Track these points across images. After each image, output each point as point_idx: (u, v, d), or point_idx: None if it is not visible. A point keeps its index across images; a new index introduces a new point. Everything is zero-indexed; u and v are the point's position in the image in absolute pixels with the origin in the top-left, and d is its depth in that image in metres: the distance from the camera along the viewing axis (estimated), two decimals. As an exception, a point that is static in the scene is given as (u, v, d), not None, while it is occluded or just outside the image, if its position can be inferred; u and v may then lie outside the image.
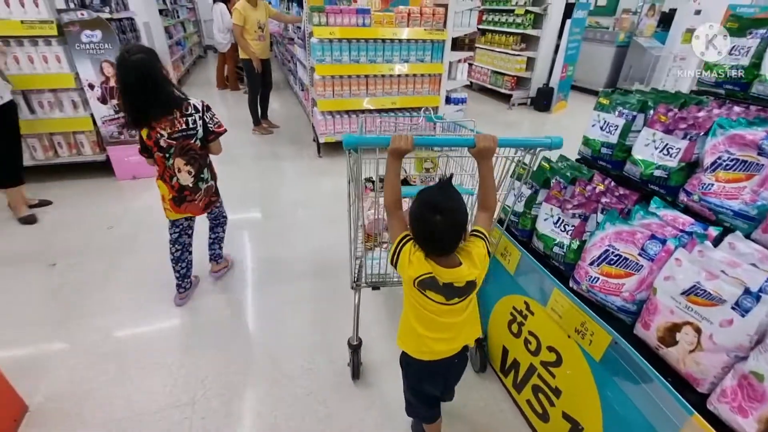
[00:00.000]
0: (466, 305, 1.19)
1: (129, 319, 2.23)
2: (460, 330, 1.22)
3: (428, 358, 1.25)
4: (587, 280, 1.27)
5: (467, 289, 1.13)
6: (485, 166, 1.23)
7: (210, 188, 2.15)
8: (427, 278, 1.10)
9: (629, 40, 7.53)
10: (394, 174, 1.22)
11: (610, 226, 1.23)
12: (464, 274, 1.09)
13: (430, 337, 1.20)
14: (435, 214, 1.03)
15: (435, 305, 1.14)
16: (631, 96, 1.57)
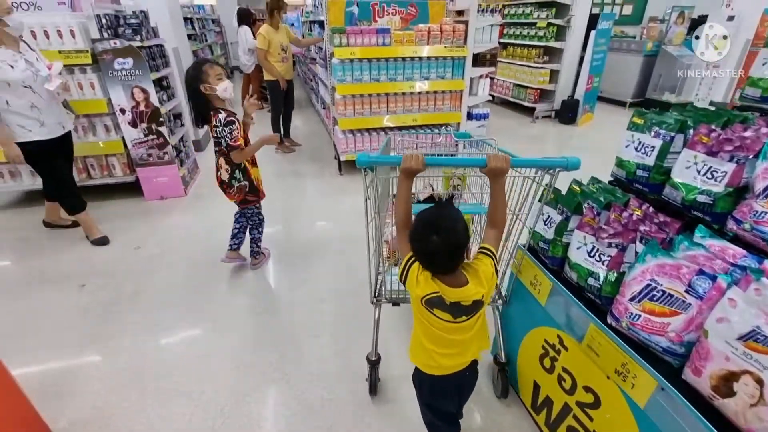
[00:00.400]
0: (473, 322, 1.20)
1: (152, 342, 2.24)
2: (468, 345, 1.24)
3: (437, 372, 1.27)
4: (627, 317, 1.17)
5: (474, 308, 1.15)
6: (496, 185, 1.25)
7: (243, 188, 2.49)
8: (434, 297, 1.12)
9: (657, 48, 7.31)
10: (405, 193, 1.24)
11: (652, 259, 1.13)
12: (470, 293, 1.11)
13: (438, 352, 1.23)
14: (432, 234, 1.05)
15: (442, 323, 1.17)
16: (667, 115, 1.48)
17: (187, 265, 2.91)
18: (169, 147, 3.76)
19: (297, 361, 2.09)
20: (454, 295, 1.11)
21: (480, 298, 1.14)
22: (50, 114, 2.73)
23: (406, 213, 1.25)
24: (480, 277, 1.13)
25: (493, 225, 1.27)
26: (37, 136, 2.69)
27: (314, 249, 3.11)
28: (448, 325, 1.17)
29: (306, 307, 2.49)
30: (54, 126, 2.77)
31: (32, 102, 2.61)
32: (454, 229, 1.06)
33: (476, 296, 1.12)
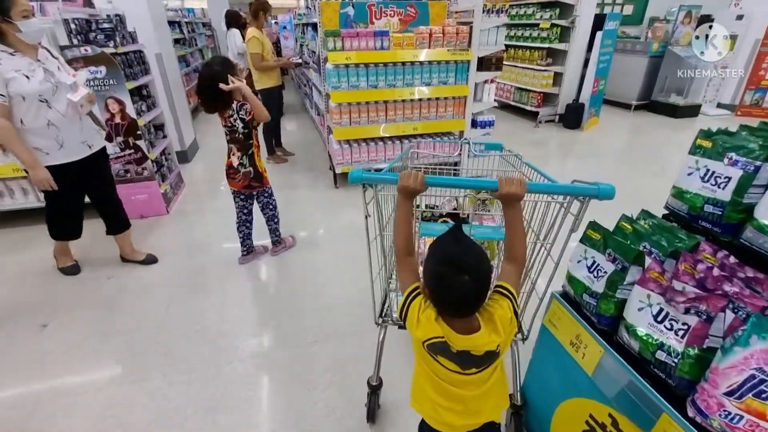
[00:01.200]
0: (487, 376, 1.01)
1: (114, 396, 1.91)
2: (481, 403, 1.05)
3: (439, 426, 1.08)
4: (722, 416, 0.87)
5: (487, 359, 0.97)
6: (511, 211, 1.07)
7: (247, 174, 2.60)
8: (438, 342, 0.95)
9: (664, 49, 7.07)
10: (405, 215, 1.09)
11: (758, 341, 0.83)
12: (483, 342, 0.93)
13: (443, 407, 1.04)
14: (460, 273, 0.89)
15: (448, 373, 0.99)
16: (743, 137, 1.19)
17: (162, 299, 2.58)
18: (148, 162, 3.44)
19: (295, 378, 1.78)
20: (462, 343, 0.93)
21: (495, 349, 0.95)
22: (71, 132, 2.31)
23: (406, 238, 1.10)
24: (495, 322, 0.95)
25: (511, 259, 1.08)
26: (54, 160, 2.28)
27: (307, 267, 2.80)
28: (455, 376, 0.99)
29: (302, 325, 2.17)
30: (76, 146, 2.36)
31: (49, 119, 2.20)
32: (482, 268, 0.91)
33: (489, 346, 0.94)
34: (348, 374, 1.99)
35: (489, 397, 1.05)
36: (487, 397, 1.05)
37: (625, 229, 1.27)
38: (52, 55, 2.33)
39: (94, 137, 2.51)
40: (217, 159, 5.25)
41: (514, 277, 1.06)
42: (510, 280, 1.04)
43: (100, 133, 2.62)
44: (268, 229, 2.94)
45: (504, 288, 1.01)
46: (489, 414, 1.07)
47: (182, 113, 4.94)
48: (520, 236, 1.08)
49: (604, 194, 1.03)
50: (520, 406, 1.58)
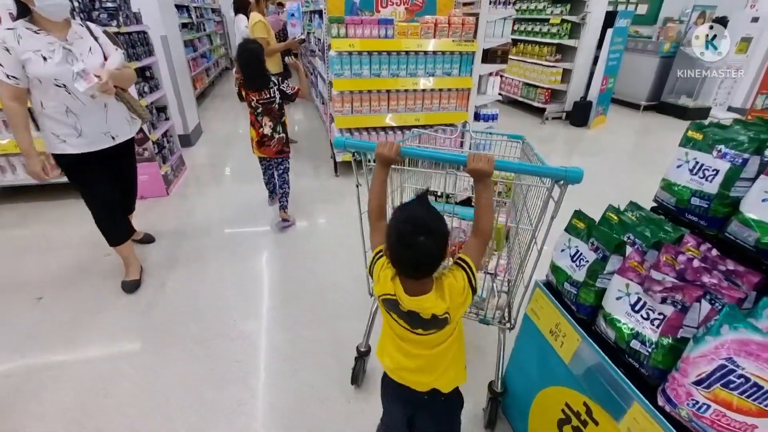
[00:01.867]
0: (436, 341, 1.07)
1: (103, 368, 1.95)
2: (430, 367, 1.11)
3: (396, 378, 1.17)
4: (690, 404, 0.87)
5: (434, 324, 1.01)
6: (480, 185, 1.11)
7: (281, 139, 2.95)
8: (390, 299, 1.02)
9: (675, 50, 6.95)
10: (378, 181, 1.19)
11: (729, 331, 0.83)
12: (428, 305, 0.98)
13: (396, 359, 1.13)
14: (418, 233, 0.93)
15: (401, 329, 1.07)
16: (735, 130, 1.17)
17: (157, 279, 2.61)
18: (149, 143, 3.46)
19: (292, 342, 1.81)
20: (409, 303, 0.99)
21: (441, 315, 0.99)
22: (91, 121, 2.09)
23: (379, 203, 1.19)
24: (444, 289, 1.00)
25: (475, 232, 1.12)
26: (72, 148, 2.08)
27: (305, 254, 2.82)
28: (406, 332, 1.06)
29: (299, 309, 2.19)
30: (96, 136, 2.13)
31: (67, 105, 1.99)
32: (438, 233, 0.95)
33: (434, 310, 0.98)
34: (336, 356, 2.00)
35: (438, 364, 1.11)
36: (437, 364, 1.11)
37: (611, 220, 1.26)
38: (92, 34, 2.10)
39: (122, 127, 2.26)
40: (221, 145, 5.28)
41: (474, 250, 1.09)
42: (470, 253, 1.08)
43: (133, 123, 2.38)
44: (282, 192, 3.18)
45: (462, 260, 1.05)
46: (437, 381, 1.12)
47: (186, 97, 4.94)
48: (486, 211, 1.10)
49: (571, 177, 1.04)
50: (499, 393, 1.59)
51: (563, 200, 1.17)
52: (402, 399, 1.19)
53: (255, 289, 2.54)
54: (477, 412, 1.71)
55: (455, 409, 1.24)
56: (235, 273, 2.67)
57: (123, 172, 2.48)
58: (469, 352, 2.04)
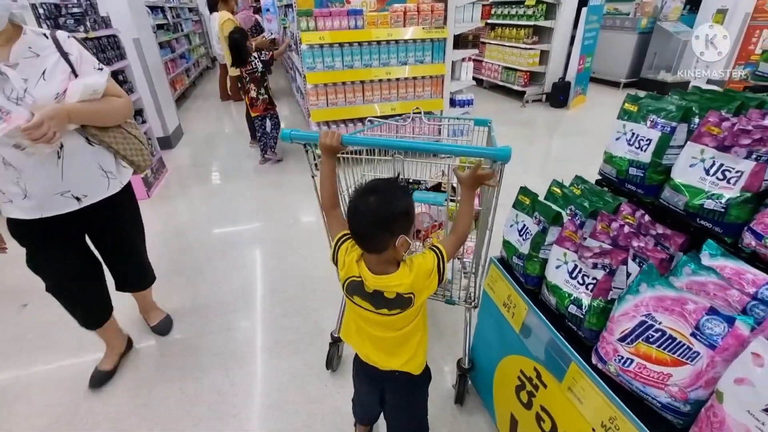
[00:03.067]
0: (400, 324, 1.09)
1: (87, 370, 1.99)
2: (393, 348, 1.14)
3: (363, 358, 1.20)
4: (617, 360, 0.92)
5: (398, 303, 1.03)
6: (463, 189, 1.14)
7: (265, 100, 3.94)
8: (355, 281, 1.05)
9: (653, 25, 6.98)
10: (326, 171, 1.22)
11: (648, 289, 0.88)
12: (393, 282, 1.01)
13: (360, 342, 1.18)
14: (368, 195, 0.97)
15: (364, 312, 1.09)
16: (667, 100, 1.22)
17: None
18: (126, 147, 3.46)
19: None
20: (374, 282, 1.01)
21: (406, 293, 1.02)
22: (38, 178, 1.40)
23: (329, 193, 1.21)
24: (412, 267, 1.03)
25: (453, 232, 1.16)
26: (16, 211, 1.46)
27: (291, 243, 2.86)
28: (369, 315, 1.08)
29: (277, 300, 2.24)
30: (48, 198, 1.44)
31: (2, 156, 1.33)
32: (395, 196, 0.98)
33: (400, 288, 1.01)
34: (312, 344, 2.06)
35: (404, 349, 1.14)
36: (400, 347, 1.14)
37: (555, 194, 1.31)
38: (60, 50, 1.40)
39: (93, 184, 1.53)
40: (203, 145, 5.28)
41: (448, 243, 1.13)
42: (446, 244, 1.11)
43: (121, 173, 1.66)
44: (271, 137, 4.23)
45: (436, 247, 1.08)
46: (399, 363, 1.14)
47: (164, 99, 4.92)
48: (463, 216, 1.15)
49: (500, 156, 1.08)
50: (467, 369, 1.65)
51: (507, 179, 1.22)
52: (370, 376, 1.23)
53: (236, 283, 2.58)
54: (449, 389, 1.78)
55: (423, 385, 1.28)
56: (213, 270, 2.71)
57: (108, 237, 1.77)
58: (444, 332, 2.11)
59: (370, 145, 1.28)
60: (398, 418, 1.31)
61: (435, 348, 2.02)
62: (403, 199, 0.99)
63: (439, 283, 1.07)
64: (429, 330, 2.10)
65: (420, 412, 1.33)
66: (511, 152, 1.06)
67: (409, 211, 1.00)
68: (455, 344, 2.01)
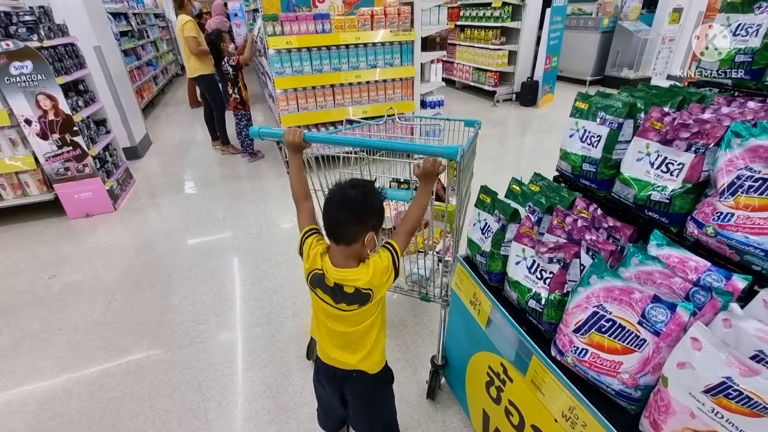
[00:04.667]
0: (358, 320, 1.12)
1: (51, 390, 1.91)
2: (354, 346, 1.16)
3: (323, 357, 1.22)
4: (573, 351, 0.95)
5: (356, 298, 1.06)
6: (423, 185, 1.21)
7: (236, 100, 4.26)
8: (318, 274, 1.08)
9: (614, 24, 7.24)
10: (294, 167, 1.27)
11: (597, 281, 0.91)
12: (351, 277, 1.04)
13: (322, 335, 1.19)
14: (348, 188, 1.05)
15: (324, 306, 1.12)
16: (614, 97, 1.26)
17: (107, 292, 2.56)
18: (89, 158, 3.36)
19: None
20: (335, 275, 1.05)
21: (364, 289, 1.05)
22: None
23: (298, 187, 1.25)
24: (369, 266, 1.06)
25: (403, 222, 1.20)
26: None
27: (255, 254, 2.82)
28: (329, 309, 1.11)
29: (256, 311, 2.21)
30: None
31: None
32: (372, 195, 1.06)
33: (357, 282, 1.04)
34: (286, 352, 2.03)
35: (362, 344, 1.16)
36: (361, 344, 1.16)
37: (515, 191, 1.34)
38: None
39: None
40: (173, 154, 5.16)
41: (399, 237, 1.16)
42: (397, 238, 1.15)
43: None
44: (241, 140, 4.61)
45: (389, 243, 1.11)
46: (358, 360, 1.16)
47: (130, 108, 4.79)
48: (413, 208, 1.20)
49: (446, 154, 1.10)
50: (440, 366, 1.66)
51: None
52: (330, 377, 1.22)
53: (207, 294, 2.52)
54: (424, 386, 1.79)
55: (384, 386, 1.28)
56: (184, 281, 2.65)
57: None
58: (417, 329, 2.13)
59: (329, 142, 1.31)
60: (362, 423, 1.29)
61: (412, 345, 2.03)
62: (379, 199, 1.08)
63: (395, 275, 1.10)
64: (411, 328, 2.12)
65: (384, 416, 1.31)
66: (457, 151, 1.08)
67: (382, 211, 1.08)
68: (433, 341, 2.03)
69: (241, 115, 4.39)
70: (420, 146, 1.18)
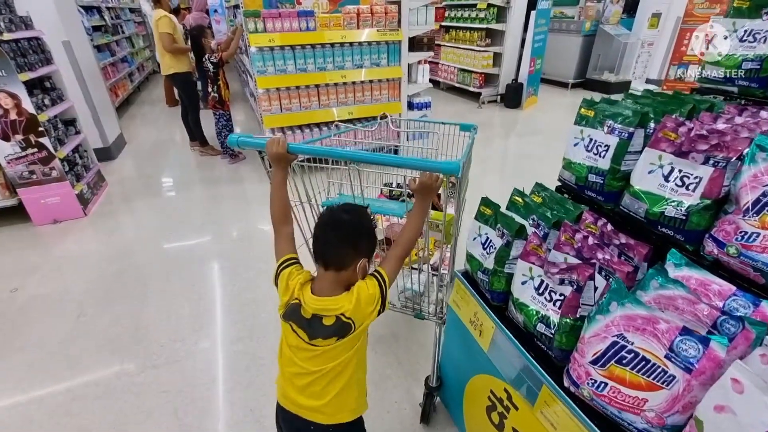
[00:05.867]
0: (332, 354, 0.98)
1: (8, 417, 1.73)
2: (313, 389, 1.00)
3: (281, 400, 1.08)
4: (590, 384, 0.87)
5: (336, 330, 0.96)
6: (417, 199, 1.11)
7: (214, 98, 4.10)
8: (294, 305, 0.99)
9: (596, 28, 7.32)
10: (276, 182, 1.14)
11: (617, 308, 0.83)
12: (334, 305, 0.96)
13: (284, 376, 1.06)
14: (342, 212, 1.01)
15: (295, 339, 1.00)
16: (622, 105, 1.20)
17: (73, 309, 2.37)
18: (56, 161, 3.14)
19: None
20: (314, 304, 0.96)
21: (345, 318, 0.95)
22: None
23: (278, 206, 1.13)
24: (353, 292, 0.97)
25: (395, 244, 1.11)
26: None
27: (235, 263, 2.67)
28: (301, 343, 0.99)
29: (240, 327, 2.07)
30: None
31: None
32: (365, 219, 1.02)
33: (339, 310, 0.95)
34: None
35: (330, 386, 1.00)
36: (327, 386, 1.00)
37: (517, 204, 1.26)
38: None
39: None
40: (149, 155, 4.93)
41: (391, 262, 1.07)
42: (387, 264, 1.06)
43: None
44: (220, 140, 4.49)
45: (377, 272, 1.03)
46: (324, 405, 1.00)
47: (102, 107, 4.54)
48: (406, 229, 1.10)
49: (447, 170, 1.01)
50: (434, 387, 1.57)
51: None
52: (289, 425, 1.07)
53: (183, 307, 2.37)
54: (418, 407, 1.70)
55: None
56: (160, 293, 2.49)
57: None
58: (410, 343, 2.03)
59: (316, 154, 1.19)
60: None
61: (405, 361, 1.94)
62: (372, 225, 1.03)
63: (381, 311, 1.01)
64: (403, 342, 2.02)
65: None
66: (459, 166, 0.99)
67: (373, 238, 1.03)
68: (427, 360, 1.94)
69: (219, 114, 4.25)
70: (418, 161, 1.08)
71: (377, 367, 1.92)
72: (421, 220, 1.11)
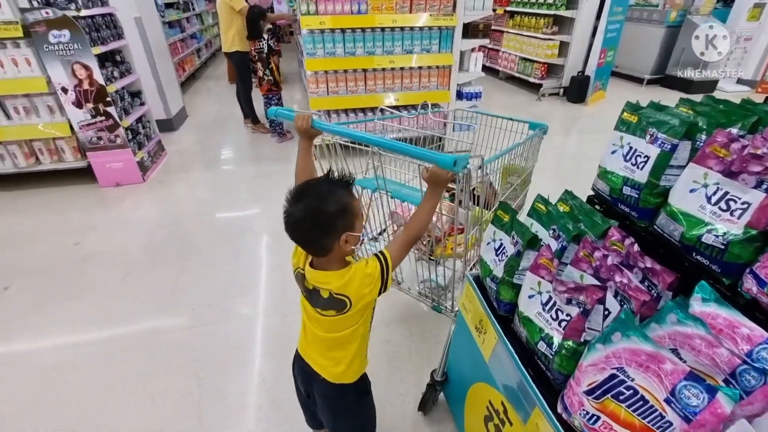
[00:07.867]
0: (334, 326, 1.05)
1: (58, 359, 1.95)
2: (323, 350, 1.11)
3: (299, 349, 1.19)
4: (582, 415, 0.81)
5: (331, 303, 1.01)
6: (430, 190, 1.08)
7: (269, 81, 4.21)
8: (300, 274, 1.06)
9: (682, 19, 6.57)
10: (301, 152, 1.24)
11: (622, 339, 0.76)
12: (324, 280, 0.99)
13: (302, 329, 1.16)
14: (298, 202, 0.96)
15: (306, 304, 1.08)
16: (671, 111, 1.06)
17: (123, 267, 2.60)
18: (121, 129, 3.41)
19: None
20: (312, 277, 1.01)
21: (337, 295, 0.99)
22: None
23: (301, 168, 1.22)
24: (349, 271, 0.99)
25: (405, 229, 1.10)
26: None
27: (275, 241, 2.78)
28: (309, 309, 1.07)
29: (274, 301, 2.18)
30: None
31: None
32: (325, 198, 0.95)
33: (330, 286, 0.99)
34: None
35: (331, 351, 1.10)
36: (329, 350, 1.10)
37: (539, 210, 1.18)
38: None
39: None
40: (208, 128, 5.20)
41: (397, 245, 1.06)
42: (392, 246, 1.06)
43: None
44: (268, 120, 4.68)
45: (382, 253, 1.03)
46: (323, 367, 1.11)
47: (167, 80, 4.85)
48: (419, 214, 1.09)
49: (441, 162, 0.97)
50: (438, 381, 1.56)
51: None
52: (302, 372, 1.18)
53: (223, 275, 2.51)
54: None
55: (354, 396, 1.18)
56: (204, 258, 2.65)
57: None
58: (426, 344, 2.01)
59: (337, 133, 1.25)
60: (330, 427, 1.24)
61: (416, 354, 1.93)
62: (337, 197, 0.95)
63: (382, 291, 1.02)
64: (417, 336, 2.01)
65: (351, 428, 1.22)
66: (452, 160, 0.94)
67: (345, 208, 0.95)
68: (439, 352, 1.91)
69: (271, 97, 4.37)
70: (415, 150, 1.04)
71: (388, 357, 1.92)
72: (430, 210, 1.09)
